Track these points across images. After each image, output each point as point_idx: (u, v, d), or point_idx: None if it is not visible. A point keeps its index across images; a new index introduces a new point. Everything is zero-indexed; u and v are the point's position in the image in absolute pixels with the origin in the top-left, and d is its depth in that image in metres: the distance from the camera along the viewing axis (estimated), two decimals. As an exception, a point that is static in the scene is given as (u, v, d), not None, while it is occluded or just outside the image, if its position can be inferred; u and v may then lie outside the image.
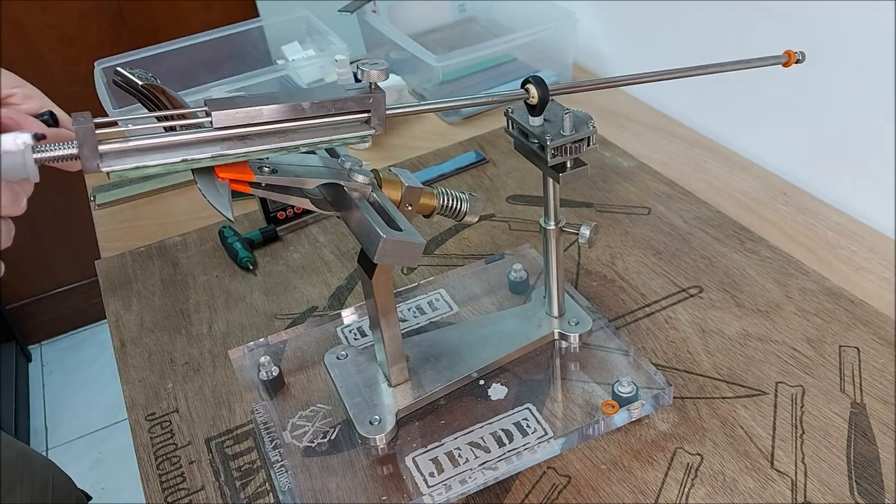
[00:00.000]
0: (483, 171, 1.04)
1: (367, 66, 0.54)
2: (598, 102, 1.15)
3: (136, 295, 0.89)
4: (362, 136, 0.57)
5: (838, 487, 0.61)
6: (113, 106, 1.06)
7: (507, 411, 0.68)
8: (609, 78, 0.64)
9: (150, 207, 1.06)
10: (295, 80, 1.19)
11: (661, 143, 1.07)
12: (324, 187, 0.60)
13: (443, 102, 0.60)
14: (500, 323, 0.76)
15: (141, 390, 0.77)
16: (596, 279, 0.84)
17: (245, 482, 0.67)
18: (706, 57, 0.66)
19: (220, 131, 0.52)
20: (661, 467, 0.64)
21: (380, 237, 0.54)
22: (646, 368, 0.69)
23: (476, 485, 0.63)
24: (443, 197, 0.66)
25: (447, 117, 1.17)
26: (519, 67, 1.24)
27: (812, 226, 0.89)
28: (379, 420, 0.66)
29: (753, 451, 0.64)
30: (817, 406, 0.68)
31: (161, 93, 0.58)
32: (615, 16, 1.21)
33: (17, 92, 0.56)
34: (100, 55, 1.18)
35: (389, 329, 0.65)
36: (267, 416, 0.69)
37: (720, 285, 0.81)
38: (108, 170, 0.50)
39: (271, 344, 0.77)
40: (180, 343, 0.82)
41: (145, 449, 0.71)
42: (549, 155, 0.61)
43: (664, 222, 0.91)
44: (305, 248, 0.93)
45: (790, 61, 0.66)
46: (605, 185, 0.98)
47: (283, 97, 0.54)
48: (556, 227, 0.68)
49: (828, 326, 0.75)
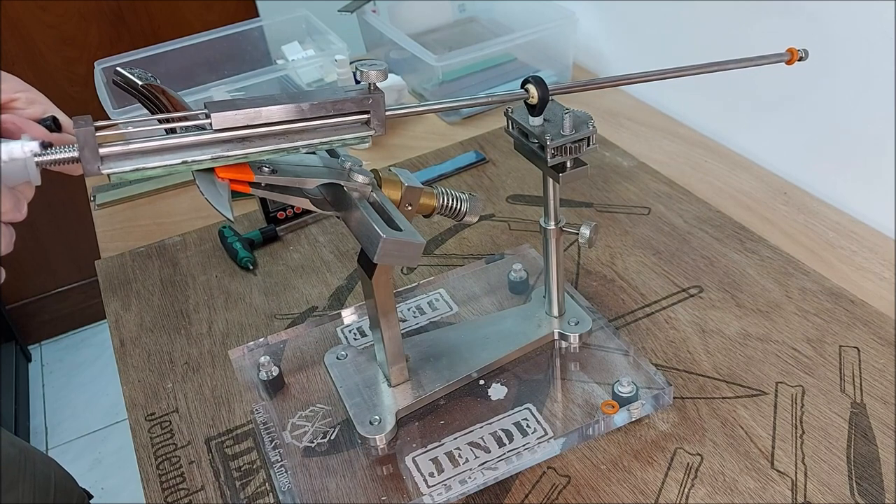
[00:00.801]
0: (483, 171, 1.04)
1: (366, 66, 0.54)
2: (598, 102, 1.15)
3: (136, 295, 0.89)
4: (362, 136, 0.57)
5: (838, 487, 0.61)
6: (113, 106, 1.06)
7: (507, 411, 0.68)
8: (609, 78, 0.64)
9: (149, 207, 1.05)
10: (295, 80, 1.19)
11: (661, 143, 1.07)
12: (324, 187, 0.60)
13: (443, 103, 0.60)
14: (499, 323, 0.76)
15: (141, 390, 0.77)
16: (596, 279, 0.84)
17: (245, 482, 0.67)
18: (707, 56, 0.66)
19: (219, 133, 0.52)
20: (661, 467, 0.64)
21: (379, 237, 0.54)
22: (646, 368, 0.69)
23: (476, 485, 0.63)
24: (443, 197, 0.66)
25: (447, 117, 1.17)
26: (519, 67, 1.24)
27: (812, 226, 0.89)
28: (379, 420, 0.66)
29: (753, 452, 0.64)
30: (817, 406, 0.68)
31: (161, 93, 0.58)
32: (615, 16, 1.21)
33: (21, 96, 0.55)
34: (99, 55, 1.18)
35: (389, 329, 0.65)
36: (267, 416, 0.69)
37: (720, 285, 0.81)
38: (109, 172, 0.50)
39: (271, 344, 0.77)
40: (180, 343, 0.82)
41: (145, 449, 0.71)
42: (549, 155, 0.61)
43: (664, 222, 0.91)
44: (305, 248, 0.93)
45: (793, 59, 0.66)
46: (605, 185, 0.98)
47: (282, 99, 0.54)
48: (556, 227, 0.68)
49: (828, 326, 0.75)
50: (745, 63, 0.65)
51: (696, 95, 1.08)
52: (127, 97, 0.63)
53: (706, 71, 0.63)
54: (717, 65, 0.64)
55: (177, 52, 1.20)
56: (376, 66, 0.54)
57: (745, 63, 0.65)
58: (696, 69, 0.63)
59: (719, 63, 0.64)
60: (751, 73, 0.71)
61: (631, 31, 1.19)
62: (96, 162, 0.49)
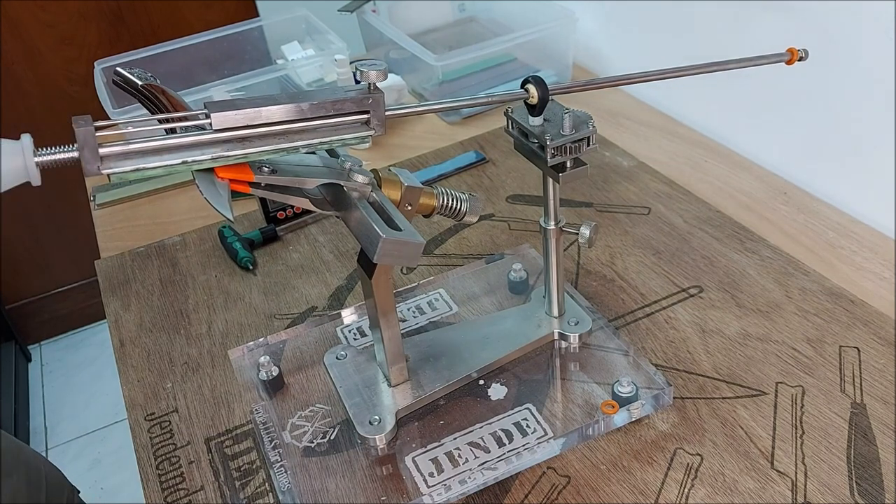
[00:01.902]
0: (483, 170, 1.04)
1: (366, 66, 0.54)
2: (598, 102, 1.15)
3: (136, 295, 0.89)
4: (362, 136, 0.57)
5: (838, 488, 0.61)
6: (113, 106, 1.06)
7: (507, 411, 0.68)
8: (609, 78, 0.64)
9: (149, 207, 1.05)
10: (294, 79, 1.19)
11: (661, 142, 1.07)
12: (323, 187, 0.60)
13: (443, 103, 0.60)
14: (499, 323, 0.76)
15: (140, 390, 0.77)
16: (596, 279, 0.84)
17: (244, 482, 0.67)
18: (707, 56, 0.66)
19: (219, 133, 0.52)
20: (661, 467, 0.64)
21: (379, 237, 0.54)
22: (646, 368, 0.69)
23: (476, 485, 0.63)
24: (442, 197, 0.65)
25: (447, 117, 1.17)
26: (519, 67, 1.24)
27: (812, 226, 0.89)
28: (378, 420, 0.66)
29: (753, 452, 0.64)
30: (817, 406, 0.68)
31: (161, 93, 0.58)
32: (615, 16, 1.20)
33: None
34: (99, 55, 1.19)
35: (389, 329, 0.65)
36: (266, 416, 0.69)
37: (720, 285, 0.81)
38: (109, 172, 0.50)
39: (271, 344, 0.77)
40: (179, 343, 0.82)
41: (145, 449, 0.71)
42: (549, 155, 0.61)
43: (664, 222, 0.91)
44: (305, 248, 0.93)
45: (793, 59, 0.66)
46: (605, 184, 0.98)
47: (282, 99, 0.54)
48: (555, 227, 0.68)
49: (828, 326, 0.75)
50: (745, 63, 0.65)
51: (696, 95, 1.08)
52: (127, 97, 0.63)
53: (706, 71, 0.63)
54: (717, 65, 0.64)
55: (177, 52, 1.20)
56: (376, 66, 0.54)
57: (745, 63, 0.65)
58: (696, 69, 0.63)
59: (719, 63, 0.64)
60: (751, 73, 0.71)
61: (631, 31, 1.19)
62: (96, 162, 0.49)
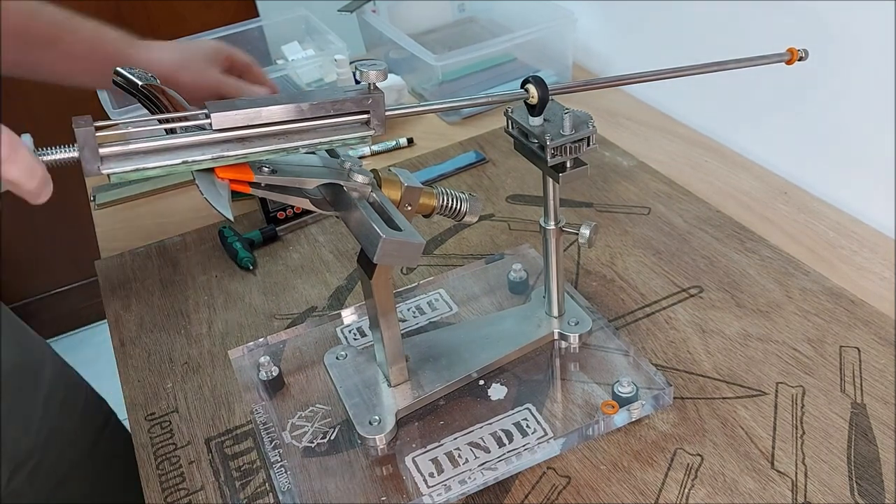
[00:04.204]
0: (483, 170, 1.04)
1: (366, 66, 0.54)
2: (598, 102, 1.15)
3: (136, 295, 0.89)
4: (362, 136, 0.57)
5: (838, 488, 0.61)
6: (113, 106, 1.06)
7: (507, 411, 0.68)
8: (609, 78, 0.64)
9: (149, 207, 1.05)
10: (294, 79, 1.19)
11: (661, 142, 1.06)
12: (323, 187, 0.60)
13: (443, 103, 0.60)
14: (499, 323, 0.75)
15: (140, 390, 0.77)
16: (596, 279, 0.84)
17: (245, 482, 0.67)
18: (707, 56, 0.65)
19: (219, 133, 0.52)
20: (661, 468, 0.64)
21: (379, 237, 0.54)
22: (646, 369, 0.69)
23: (476, 485, 0.63)
24: (442, 197, 0.65)
25: (447, 117, 1.17)
26: (519, 67, 1.24)
27: (812, 225, 0.89)
28: (378, 420, 0.66)
29: (754, 452, 0.64)
30: (818, 406, 0.68)
31: (161, 93, 0.58)
32: (615, 16, 1.20)
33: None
34: (99, 55, 1.18)
35: (389, 329, 0.65)
36: (266, 416, 0.69)
37: (720, 285, 0.81)
38: (109, 172, 0.50)
39: (271, 344, 0.77)
40: (179, 343, 0.82)
41: (145, 449, 0.71)
42: (549, 155, 0.61)
43: (664, 222, 0.91)
44: (305, 248, 0.93)
45: (793, 59, 0.66)
46: (605, 184, 0.98)
47: (282, 99, 0.54)
48: (555, 227, 0.68)
49: (828, 326, 0.75)
50: (745, 63, 0.65)
51: (696, 95, 1.08)
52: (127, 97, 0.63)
53: (706, 71, 0.63)
54: (717, 65, 0.64)
55: (176, 52, 1.19)
56: (376, 66, 0.54)
57: (745, 63, 0.65)
58: (696, 69, 0.63)
59: (719, 63, 0.64)
60: (751, 73, 0.71)
61: (631, 31, 1.19)
62: (96, 162, 0.49)
